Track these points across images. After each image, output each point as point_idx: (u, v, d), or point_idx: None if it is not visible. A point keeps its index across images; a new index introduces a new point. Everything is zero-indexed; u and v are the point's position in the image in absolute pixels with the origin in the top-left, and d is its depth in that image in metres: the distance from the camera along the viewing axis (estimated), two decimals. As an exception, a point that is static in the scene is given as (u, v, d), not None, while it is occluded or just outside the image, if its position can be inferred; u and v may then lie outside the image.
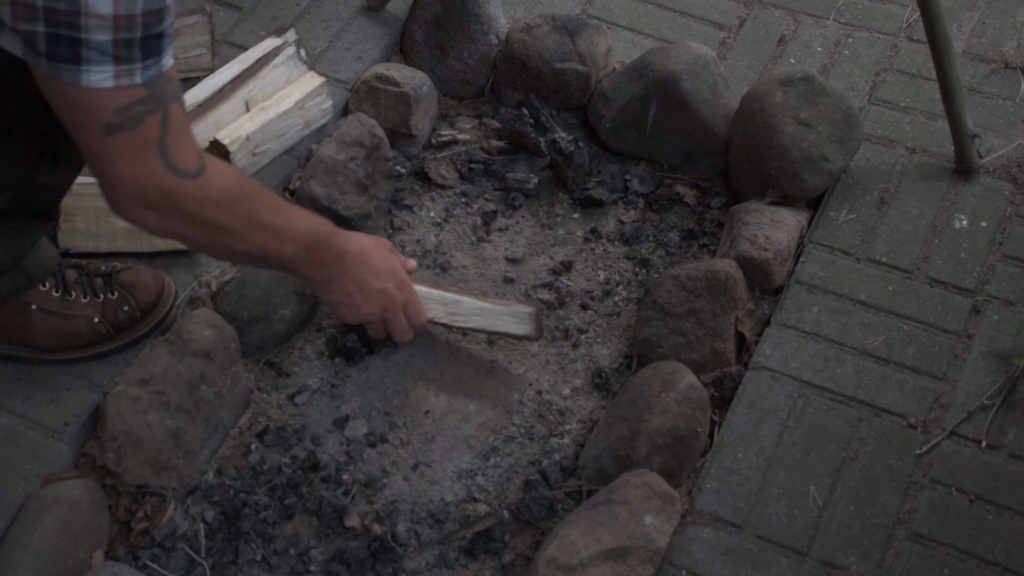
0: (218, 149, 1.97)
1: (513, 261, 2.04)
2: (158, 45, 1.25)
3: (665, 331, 1.83)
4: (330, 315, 1.89)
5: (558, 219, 2.11)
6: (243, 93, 2.05)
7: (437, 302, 1.81)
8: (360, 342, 1.86)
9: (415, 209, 2.10)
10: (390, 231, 2.06)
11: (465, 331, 1.88)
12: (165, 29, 1.26)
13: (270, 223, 1.49)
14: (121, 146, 1.29)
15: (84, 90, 1.24)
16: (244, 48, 2.15)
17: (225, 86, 2.04)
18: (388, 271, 1.69)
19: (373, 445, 1.78)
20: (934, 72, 2.00)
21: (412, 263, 1.78)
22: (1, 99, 1.43)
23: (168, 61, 1.28)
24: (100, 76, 1.22)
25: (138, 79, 1.25)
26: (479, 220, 2.10)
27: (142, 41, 1.23)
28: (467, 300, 1.83)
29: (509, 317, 1.84)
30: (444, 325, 1.83)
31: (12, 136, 1.50)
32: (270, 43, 2.10)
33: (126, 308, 1.78)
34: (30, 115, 1.45)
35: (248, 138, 1.97)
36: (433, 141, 2.20)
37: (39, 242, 1.70)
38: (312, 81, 2.09)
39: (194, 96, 2.03)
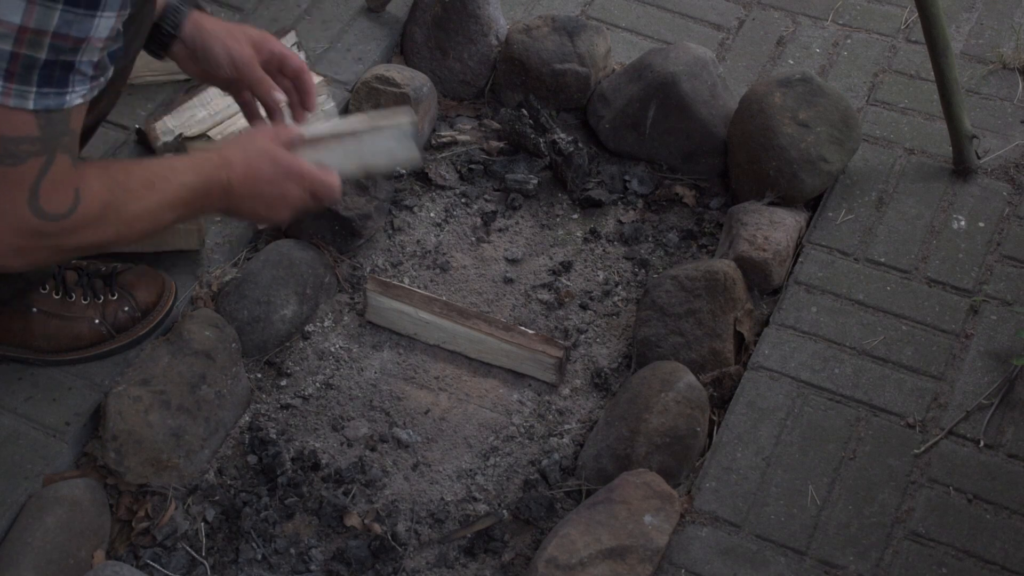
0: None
1: (513, 261, 2.05)
2: (64, 77, 1.17)
3: (664, 331, 1.83)
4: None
5: (557, 219, 2.12)
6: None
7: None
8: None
9: (415, 209, 2.11)
10: (390, 231, 2.07)
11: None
12: (78, 64, 1.17)
13: (142, 212, 1.40)
14: None
15: None
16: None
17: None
18: (278, 175, 1.55)
19: (373, 447, 1.79)
20: (932, 73, 2.01)
21: (294, 132, 1.63)
22: None
23: (72, 100, 1.19)
24: None
25: (29, 104, 1.16)
26: (479, 220, 2.10)
27: (44, 65, 1.14)
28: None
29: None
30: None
31: None
32: None
33: (127, 309, 1.78)
34: None
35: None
36: (433, 142, 2.20)
37: None
38: None
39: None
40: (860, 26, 2.40)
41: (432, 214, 2.11)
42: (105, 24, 1.16)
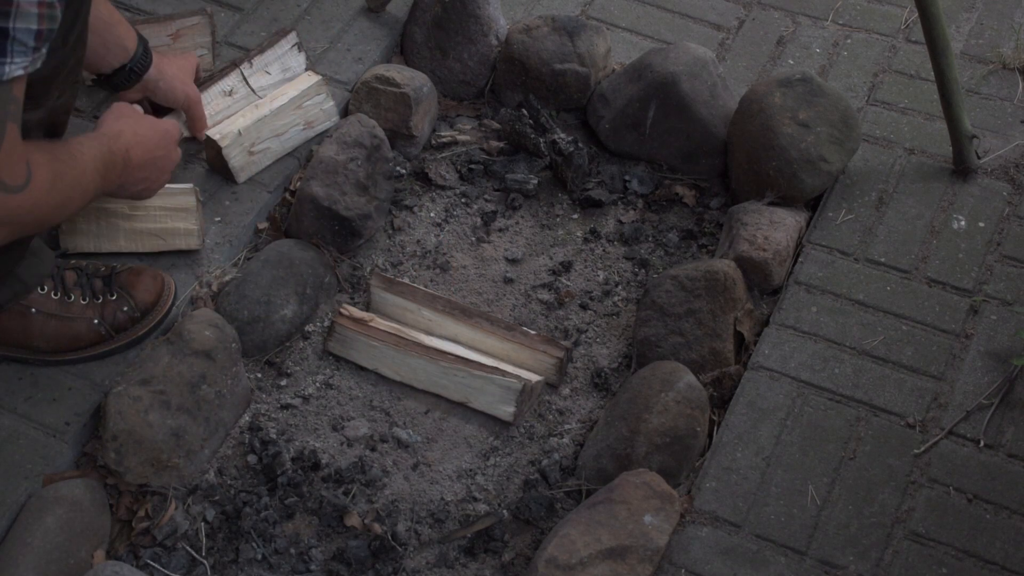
0: (210, 145, 1.98)
1: (513, 261, 2.05)
2: (0, 45, 1.19)
3: (664, 331, 1.83)
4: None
5: (558, 219, 2.12)
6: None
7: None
8: None
9: (415, 209, 2.11)
10: (390, 231, 2.07)
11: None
12: (13, 31, 1.19)
13: (74, 183, 1.51)
14: None
15: None
16: (245, 49, 2.16)
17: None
18: (163, 137, 1.74)
19: (373, 447, 1.79)
20: (932, 73, 2.01)
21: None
22: None
23: (12, 70, 1.22)
24: None
25: None
26: (479, 220, 2.10)
27: None
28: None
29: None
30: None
31: None
32: (307, 79, 2.10)
33: (125, 309, 1.78)
34: None
35: (240, 133, 1.97)
36: (433, 142, 2.20)
37: (34, 249, 1.70)
38: (308, 79, 2.09)
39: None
40: (860, 26, 2.40)
41: (432, 214, 2.11)
42: None
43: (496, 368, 1.81)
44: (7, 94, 1.27)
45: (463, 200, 2.13)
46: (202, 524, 1.68)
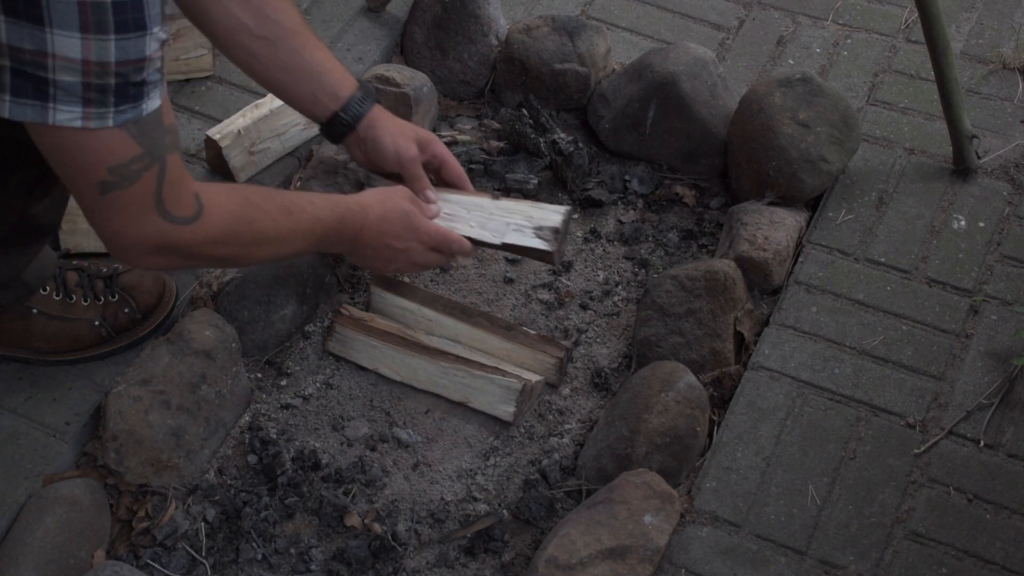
0: (210, 145, 1.98)
1: (513, 261, 2.05)
2: (138, 91, 1.23)
3: (664, 331, 1.83)
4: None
5: (558, 220, 2.12)
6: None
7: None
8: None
9: (415, 210, 2.11)
10: (390, 232, 2.07)
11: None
12: (147, 76, 1.22)
13: (274, 236, 1.51)
14: (116, 204, 1.30)
15: (77, 145, 1.22)
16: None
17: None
18: (407, 231, 1.69)
19: (373, 446, 1.79)
20: (932, 73, 2.01)
21: (433, 209, 1.77)
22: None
23: (152, 104, 1.25)
24: (67, 116, 1.19)
25: (109, 122, 1.22)
26: (479, 221, 2.10)
27: (117, 88, 1.20)
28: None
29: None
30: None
31: (6, 183, 1.51)
32: None
33: (127, 310, 1.78)
34: (24, 162, 1.45)
35: (240, 133, 1.97)
36: (433, 142, 2.20)
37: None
38: None
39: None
40: (860, 26, 2.40)
41: (432, 214, 2.11)
42: (155, 40, 1.22)
43: (496, 368, 1.81)
44: (159, 126, 1.28)
45: (463, 200, 2.13)
46: (202, 524, 1.68)
